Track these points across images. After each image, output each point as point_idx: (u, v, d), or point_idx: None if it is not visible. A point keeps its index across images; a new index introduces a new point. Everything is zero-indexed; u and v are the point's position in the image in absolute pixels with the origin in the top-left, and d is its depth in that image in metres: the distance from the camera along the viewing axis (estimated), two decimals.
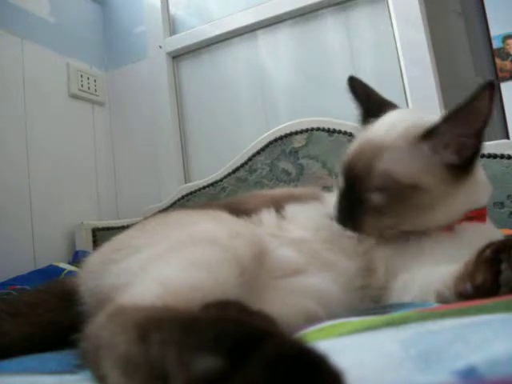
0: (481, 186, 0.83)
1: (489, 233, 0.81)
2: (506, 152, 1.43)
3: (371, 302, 0.76)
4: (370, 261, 0.79)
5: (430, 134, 0.76)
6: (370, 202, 0.78)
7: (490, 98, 0.72)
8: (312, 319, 0.60)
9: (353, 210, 0.80)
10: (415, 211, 0.77)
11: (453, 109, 0.74)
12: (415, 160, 0.76)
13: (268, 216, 0.86)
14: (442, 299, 0.64)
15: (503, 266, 0.55)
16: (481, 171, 0.85)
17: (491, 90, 0.72)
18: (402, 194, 0.76)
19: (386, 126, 0.82)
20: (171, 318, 0.34)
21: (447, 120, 0.75)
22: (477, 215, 0.81)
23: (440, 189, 0.76)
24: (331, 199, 0.93)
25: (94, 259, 0.68)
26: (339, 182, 0.84)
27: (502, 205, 1.39)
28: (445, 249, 0.74)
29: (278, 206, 0.89)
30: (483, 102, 0.72)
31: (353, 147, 0.85)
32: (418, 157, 0.76)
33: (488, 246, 0.58)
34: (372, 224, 0.79)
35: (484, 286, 0.56)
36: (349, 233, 0.81)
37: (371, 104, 0.92)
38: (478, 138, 0.75)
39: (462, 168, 0.76)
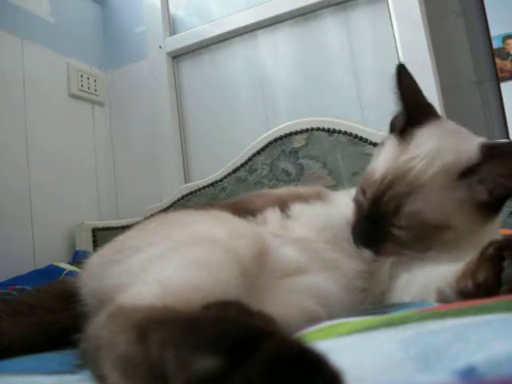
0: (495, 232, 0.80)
1: (490, 233, 0.81)
2: None
3: (372, 304, 0.76)
4: (373, 264, 0.79)
5: (468, 173, 0.71)
6: (392, 235, 0.75)
7: None
8: (313, 319, 0.60)
9: (374, 235, 0.76)
10: (437, 245, 0.75)
11: (496, 147, 0.71)
12: (449, 202, 0.72)
13: (273, 215, 0.86)
14: (442, 297, 0.64)
15: (505, 264, 0.55)
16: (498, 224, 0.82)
17: None
18: (427, 232, 0.74)
19: (423, 158, 0.74)
20: (171, 318, 0.34)
21: (489, 159, 0.71)
22: None
23: (466, 228, 0.74)
24: (338, 199, 0.93)
25: (95, 260, 0.68)
26: (361, 199, 0.80)
27: None
28: (447, 249, 0.74)
29: (283, 205, 0.89)
30: None
31: (383, 169, 0.77)
32: (453, 199, 0.72)
33: (491, 244, 0.58)
34: (392, 250, 0.77)
35: (485, 284, 0.56)
36: (366, 252, 0.78)
37: (415, 106, 0.82)
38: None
39: (490, 207, 0.73)
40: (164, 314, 0.37)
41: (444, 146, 0.75)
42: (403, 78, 0.86)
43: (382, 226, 0.76)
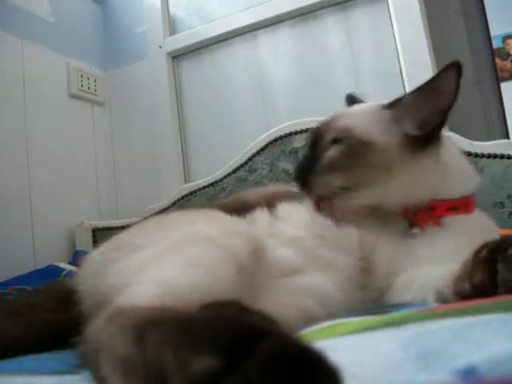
0: (455, 174, 0.82)
1: (479, 223, 0.81)
2: (506, 152, 1.42)
3: (371, 303, 0.76)
4: (368, 260, 0.78)
5: (393, 104, 0.82)
6: (324, 158, 0.81)
7: (455, 78, 0.75)
8: (311, 319, 0.60)
9: (308, 168, 0.83)
10: (367, 172, 0.78)
11: (420, 85, 0.79)
12: (375, 122, 0.81)
13: (261, 215, 0.86)
14: (441, 298, 0.64)
15: (499, 266, 0.55)
16: (458, 160, 0.85)
17: (457, 69, 0.75)
18: (355, 149, 0.79)
19: (355, 106, 0.92)
20: (169, 319, 0.34)
21: (411, 94, 0.81)
22: (459, 204, 0.79)
23: (395, 153, 0.78)
24: None
25: (94, 258, 0.68)
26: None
27: (502, 205, 1.39)
28: (442, 245, 0.74)
29: (272, 203, 0.89)
30: (448, 81, 0.75)
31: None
32: (378, 121, 0.81)
33: (484, 246, 0.58)
34: (322, 180, 0.80)
35: (482, 286, 0.56)
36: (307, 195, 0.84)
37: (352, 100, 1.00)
38: (442, 116, 0.78)
39: (424, 140, 0.79)
40: (162, 314, 0.37)
41: (370, 103, 0.91)
42: (352, 100, 1.02)
43: (317, 152, 0.83)
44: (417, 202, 0.78)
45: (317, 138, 0.87)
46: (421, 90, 0.79)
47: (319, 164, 0.82)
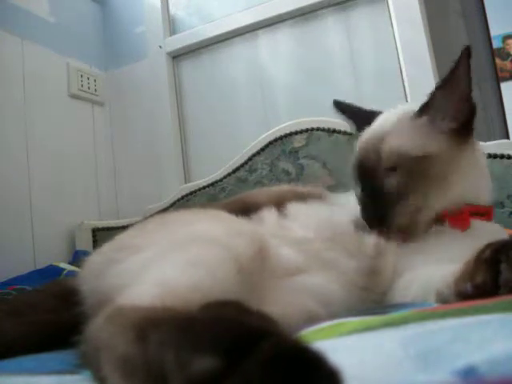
0: (485, 181, 0.85)
1: (496, 232, 0.82)
2: (506, 152, 1.43)
3: (372, 304, 0.76)
4: (376, 262, 0.78)
5: (424, 110, 0.82)
6: (388, 188, 0.79)
7: (467, 61, 0.77)
8: (313, 319, 0.60)
9: (376, 205, 0.80)
10: (433, 183, 0.78)
11: (439, 82, 0.80)
12: (418, 134, 0.80)
13: (269, 215, 0.86)
14: (442, 298, 0.64)
15: (502, 267, 0.55)
16: (483, 158, 0.88)
17: (468, 54, 0.77)
18: (415, 168, 0.78)
19: (381, 120, 0.89)
20: (170, 319, 0.34)
21: (436, 93, 0.81)
22: (482, 211, 0.81)
23: (449, 154, 0.79)
24: (337, 199, 0.93)
25: (95, 259, 0.68)
26: (355, 187, 0.86)
27: (502, 205, 1.39)
28: (453, 247, 0.74)
29: (281, 203, 0.89)
30: (462, 67, 0.77)
31: (357, 148, 0.88)
32: (419, 131, 0.81)
33: (488, 247, 0.58)
34: (398, 212, 0.79)
35: (484, 287, 0.56)
36: (383, 235, 0.79)
37: (360, 117, 0.99)
38: (469, 100, 0.80)
39: (462, 132, 0.80)
40: (163, 314, 0.37)
41: (394, 111, 0.90)
42: (340, 106, 1.04)
43: (376, 186, 0.81)
44: (458, 203, 0.80)
45: (367, 173, 0.83)
46: (443, 87, 0.80)
47: (386, 196, 0.79)
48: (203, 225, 0.65)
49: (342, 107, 1.03)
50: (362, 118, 0.97)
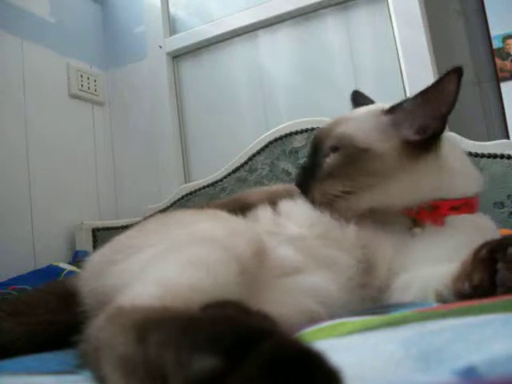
0: (457, 174, 0.82)
1: (480, 223, 0.81)
2: (506, 152, 1.43)
3: (371, 303, 0.76)
4: (370, 259, 0.78)
5: (392, 109, 0.82)
6: (323, 165, 0.82)
7: (456, 82, 0.74)
8: (313, 319, 0.60)
9: (307, 175, 0.85)
10: (366, 178, 0.78)
11: (420, 90, 0.78)
12: (374, 129, 0.81)
13: (264, 213, 0.86)
14: (441, 298, 0.64)
15: (499, 266, 0.55)
16: (460, 160, 0.85)
17: (459, 74, 0.74)
18: (353, 156, 0.79)
19: (356, 110, 0.91)
20: (170, 319, 0.34)
21: (412, 99, 0.79)
22: (461, 204, 0.80)
23: (394, 159, 0.78)
24: None
25: (95, 260, 0.68)
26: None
27: (502, 205, 1.39)
28: (442, 245, 0.74)
29: (273, 202, 0.89)
30: (450, 85, 0.75)
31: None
32: (377, 127, 0.81)
33: (484, 246, 0.58)
34: (320, 188, 0.81)
35: (481, 286, 0.56)
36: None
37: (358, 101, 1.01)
38: (441, 120, 0.78)
39: (422, 145, 0.79)
40: (163, 314, 0.37)
41: (371, 106, 0.91)
42: (356, 96, 1.04)
43: (317, 160, 0.84)
44: (419, 203, 0.79)
45: (317, 144, 0.88)
46: (422, 96, 0.78)
47: (319, 171, 0.83)
48: (202, 225, 0.64)
49: (357, 98, 1.02)
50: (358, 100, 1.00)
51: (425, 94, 0.78)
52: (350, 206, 0.80)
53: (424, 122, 0.78)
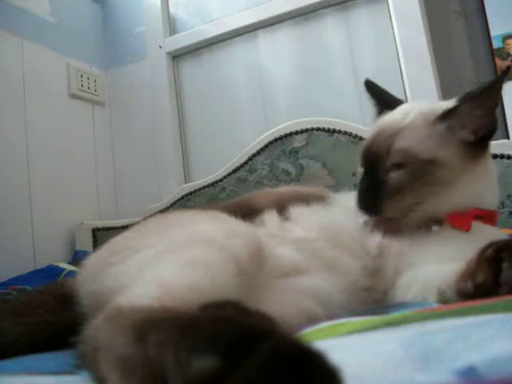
0: (493, 186, 0.86)
1: (497, 234, 0.82)
2: (506, 152, 1.42)
3: (373, 304, 0.76)
4: (379, 260, 0.78)
5: (447, 115, 0.81)
6: (389, 182, 0.80)
7: (501, 85, 0.79)
8: (311, 320, 0.60)
9: (373, 193, 0.81)
10: (434, 188, 0.78)
11: (469, 92, 0.79)
12: (432, 138, 0.80)
13: (270, 218, 0.86)
14: (443, 297, 0.64)
15: (504, 265, 0.55)
16: (493, 170, 0.88)
17: (503, 77, 0.78)
18: (420, 170, 0.78)
19: (402, 112, 0.87)
20: (169, 319, 0.34)
21: (465, 103, 0.80)
22: (486, 215, 0.82)
23: (457, 164, 0.79)
24: (339, 200, 0.93)
25: (93, 261, 0.67)
26: (359, 169, 0.88)
27: (502, 205, 1.39)
28: (454, 247, 0.74)
29: (283, 206, 0.89)
30: (498, 87, 0.78)
31: (370, 133, 0.88)
32: (435, 135, 0.80)
33: (490, 245, 0.58)
34: (393, 205, 0.79)
35: (484, 285, 0.56)
36: (371, 218, 0.82)
37: (386, 101, 0.98)
38: (493, 117, 0.81)
39: (477, 146, 0.81)
40: (162, 314, 0.37)
41: (418, 104, 0.89)
42: (370, 86, 1.01)
43: (378, 178, 0.81)
44: (465, 207, 0.80)
45: (373, 162, 0.83)
46: (477, 99, 0.79)
47: (386, 188, 0.80)
48: (201, 226, 0.64)
49: (372, 88, 1.01)
50: (385, 102, 0.97)
51: (477, 98, 0.79)
52: (418, 217, 0.80)
53: (478, 122, 0.80)
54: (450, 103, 0.83)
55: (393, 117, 0.87)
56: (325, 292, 0.69)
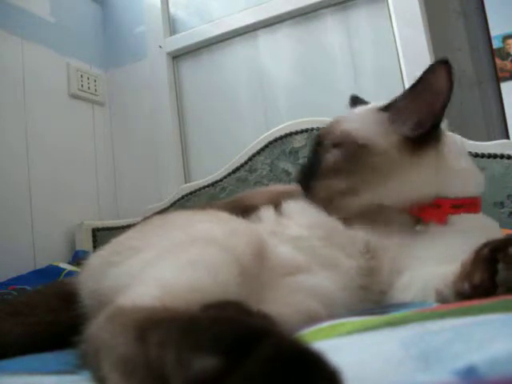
0: (458, 173, 0.82)
1: (484, 223, 0.82)
2: (506, 152, 1.42)
3: (372, 304, 0.76)
4: (374, 261, 0.78)
5: (388, 106, 0.83)
6: (325, 161, 0.83)
7: (446, 75, 0.74)
8: (313, 319, 0.60)
9: (309, 172, 0.85)
10: (369, 176, 0.79)
11: (409, 86, 0.80)
12: (373, 125, 0.82)
13: (267, 213, 0.86)
14: (441, 298, 0.64)
15: (500, 266, 0.54)
16: (462, 160, 0.85)
17: (446, 67, 0.74)
18: (354, 152, 0.80)
19: (356, 109, 0.92)
20: (170, 319, 0.34)
21: (404, 95, 0.81)
22: (463, 203, 0.80)
23: (394, 155, 0.79)
24: None
25: (94, 261, 0.67)
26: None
27: (502, 205, 1.39)
28: (446, 244, 0.74)
29: (276, 202, 0.89)
30: (438, 79, 0.75)
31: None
32: (376, 123, 0.82)
33: (485, 245, 0.58)
34: (324, 185, 0.82)
35: (481, 286, 0.55)
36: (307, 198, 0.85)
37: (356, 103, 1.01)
38: (436, 116, 0.78)
39: (421, 143, 0.79)
40: (163, 314, 0.37)
41: (369, 105, 0.92)
42: (355, 101, 1.04)
43: (317, 159, 0.85)
44: (421, 200, 0.79)
45: (318, 142, 0.89)
46: (412, 92, 0.80)
47: (320, 168, 0.84)
48: (202, 225, 0.64)
49: (356, 102, 1.03)
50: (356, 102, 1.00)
51: (413, 90, 0.79)
52: (352, 204, 0.80)
53: (419, 117, 0.79)
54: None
55: (347, 112, 0.92)
56: (325, 291, 0.69)
